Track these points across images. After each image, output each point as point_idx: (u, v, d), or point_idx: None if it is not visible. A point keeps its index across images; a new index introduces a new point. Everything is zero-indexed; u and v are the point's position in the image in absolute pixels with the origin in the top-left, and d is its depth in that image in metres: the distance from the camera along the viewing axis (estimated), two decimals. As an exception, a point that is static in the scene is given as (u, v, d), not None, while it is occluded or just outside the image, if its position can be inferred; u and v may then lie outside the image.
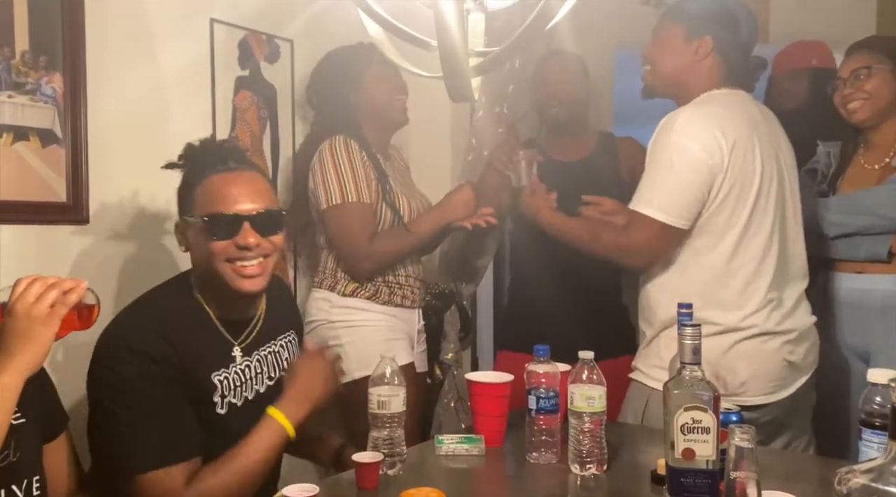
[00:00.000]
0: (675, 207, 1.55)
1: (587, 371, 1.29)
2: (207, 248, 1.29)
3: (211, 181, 1.32)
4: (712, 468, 1.08)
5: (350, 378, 1.84)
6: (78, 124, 1.61)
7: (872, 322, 1.80)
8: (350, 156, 1.85)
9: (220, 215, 1.28)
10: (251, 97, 2.01)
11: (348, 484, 1.21)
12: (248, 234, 1.28)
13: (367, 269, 1.88)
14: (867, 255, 1.79)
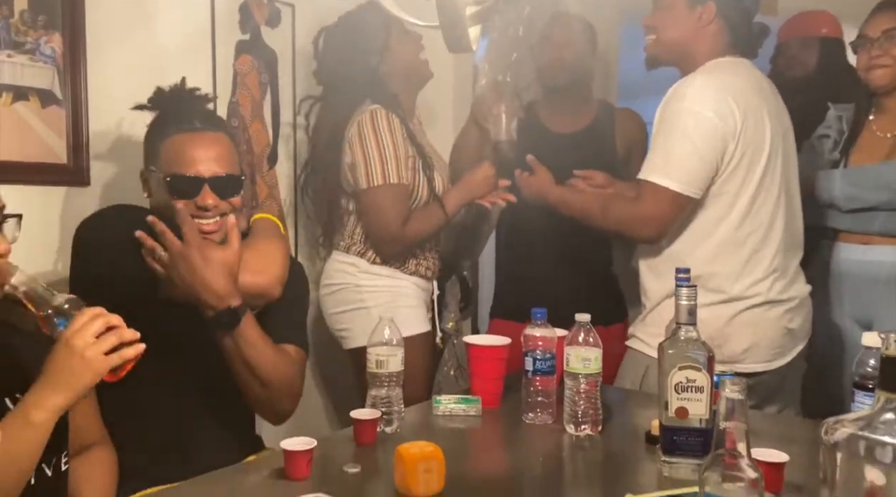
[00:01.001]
0: (688, 176, 1.53)
1: (583, 333, 1.30)
2: (168, 203, 1.33)
3: (176, 140, 1.35)
4: (705, 427, 1.10)
5: None
6: (78, 85, 1.61)
7: (878, 293, 1.79)
8: (392, 132, 1.82)
9: (183, 177, 1.33)
10: (252, 62, 2.00)
11: (346, 440, 1.23)
12: (208, 196, 1.33)
13: (396, 250, 1.88)
14: (882, 230, 1.78)
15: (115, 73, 1.67)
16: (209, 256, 1.26)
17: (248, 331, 1.28)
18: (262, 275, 1.37)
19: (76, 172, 1.62)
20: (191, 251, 1.25)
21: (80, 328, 0.97)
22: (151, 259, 1.27)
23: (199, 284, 1.25)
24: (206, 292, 1.25)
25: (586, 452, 1.25)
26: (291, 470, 1.07)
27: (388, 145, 1.81)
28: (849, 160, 1.88)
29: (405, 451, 1.03)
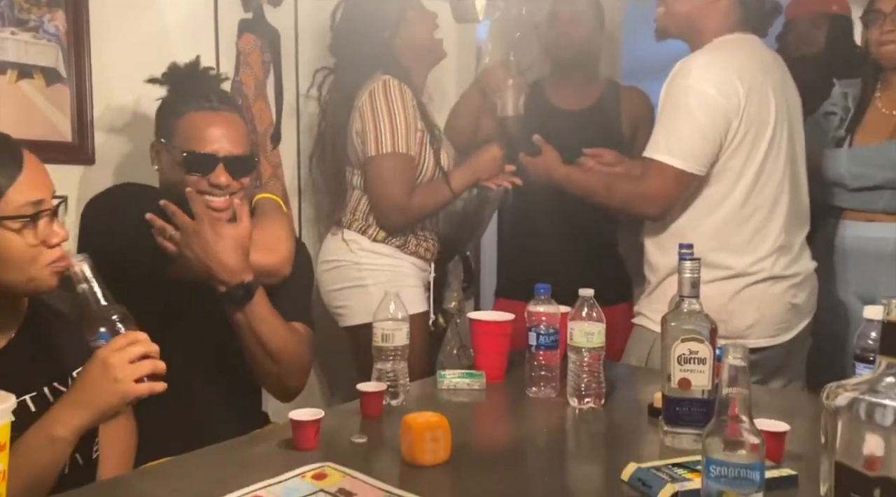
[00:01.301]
0: (692, 153, 1.54)
1: (587, 308, 1.31)
2: (180, 179, 1.35)
3: (194, 117, 1.37)
4: (707, 398, 1.11)
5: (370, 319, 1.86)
6: (82, 63, 1.61)
7: (881, 269, 1.80)
8: (404, 102, 1.82)
9: (199, 154, 1.35)
10: (254, 41, 1.99)
11: (353, 412, 1.25)
12: (221, 175, 1.35)
13: (400, 222, 1.89)
14: (887, 208, 1.79)
15: (118, 52, 1.68)
16: (221, 233, 1.27)
17: (259, 306, 1.30)
18: (271, 253, 1.38)
19: (81, 150, 1.63)
20: (203, 228, 1.26)
21: (119, 349, 0.96)
22: (162, 238, 1.28)
23: (212, 260, 1.26)
24: (220, 268, 1.26)
25: (589, 424, 1.27)
26: (299, 440, 1.08)
27: (399, 115, 1.81)
28: (854, 138, 1.88)
29: (412, 421, 1.04)
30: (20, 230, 0.98)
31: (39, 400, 1.04)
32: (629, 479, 0.99)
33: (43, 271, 1.02)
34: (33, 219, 0.99)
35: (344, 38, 1.95)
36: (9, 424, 0.76)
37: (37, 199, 1.00)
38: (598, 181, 1.73)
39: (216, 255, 1.26)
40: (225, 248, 1.26)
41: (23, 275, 1.00)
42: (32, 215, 0.99)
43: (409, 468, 1.03)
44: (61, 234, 1.03)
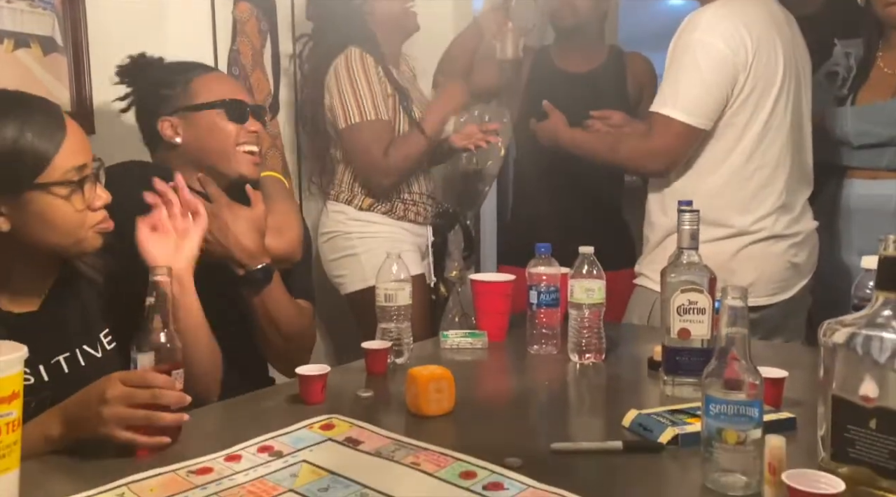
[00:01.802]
0: (698, 107, 1.54)
1: (587, 265, 1.32)
2: (222, 132, 1.34)
3: (207, 77, 1.38)
4: (706, 347, 1.13)
5: (365, 285, 1.90)
6: (78, 32, 1.60)
7: (885, 225, 1.81)
8: (366, 71, 1.85)
9: (234, 101, 1.36)
10: (250, 9, 1.98)
11: (359, 370, 1.26)
12: (253, 123, 1.37)
13: (387, 184, 1.91)
14: (890, 165, 1.79)
15: (114, 20, 1.67)
16: (239, 214, 1.28)
17: (276, 290, 1.31)
18: (282, 238, 1.39)
19: (81, 120, 1.58)
20: (221, 210, 1.27)
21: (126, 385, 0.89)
22: None
23: (231, 243, 1.26)
24: (239, 250, 1.27)
25: (590, 378, 1.29)
26: (307, 394, 1.10)
27: (361, 83, 1.85)
28: (857, 97, 1.88)
29: (417, 373, 1.06)
30: (68, 196, 0.99)
31: (72, 361, 1.05)
32: (630, 425, 1.01)
33: (89, 233, 1.03)
34: (79, 184, 1.00)
35: (318, 6, 1.99)
36: (21, 373, 0.78)
37: (81, 163, 1.01)
38: (603, 140, 1.74)
39: (235, 237, 1.26)
40: (243, 230, 1.27)
41: (70, 238, 1.02)
42: (78, 181, 1.00)
43: (414, 418, 1.05)
44: (104, 196, 1.05)
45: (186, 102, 1.35)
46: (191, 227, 1.17)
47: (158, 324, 0.95)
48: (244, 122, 1.35)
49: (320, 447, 0.94)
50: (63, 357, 1.04)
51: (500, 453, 0.89)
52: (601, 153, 1.72)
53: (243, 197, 1.34)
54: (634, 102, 2.10)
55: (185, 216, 1.18)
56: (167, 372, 0.93)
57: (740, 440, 0.82)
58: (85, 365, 1.05)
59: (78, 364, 1.05)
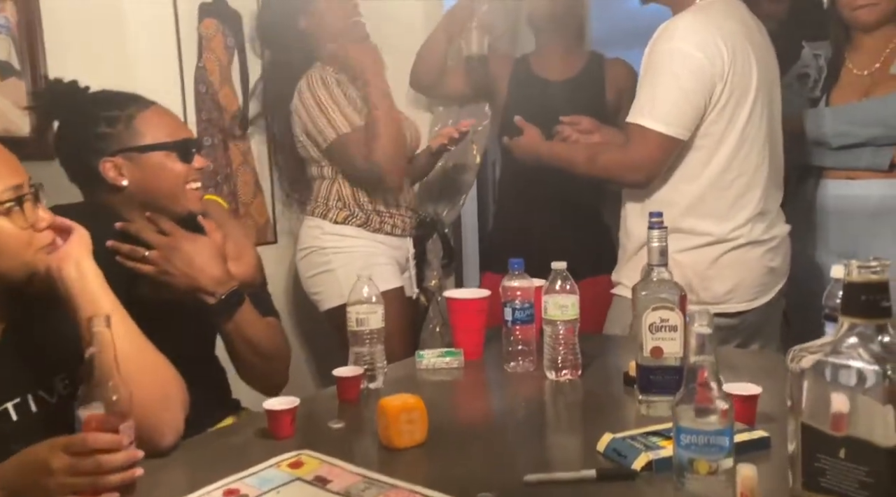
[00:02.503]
0: (676, 117, 1.52)
1: (560, 281, 1.31)
2: (171, 173, 1.28)
3: (149, 114, 1.29)
4: (680, 365, 1.12)
5: (342, 301, 1.87)
6: (35, 55, 1.57)
7: (862, 226, 1.81)
8: (328, 87, 1.86)
9: (183, 141, 1.31)
10: (216, 25, 1.95)
11: (331, 398, 1.24)
12: (199, 159, 1.32)
13: (388, 182, 1.89)
14: (868, 165, 1.78)
15: (73, 42, 1.63)
16: (199, 244, 1.25)
17: (247, 311, 1.29)
18: (242, 263, 1.36)
19: (40, 145, 1.58)
20: (180, 242, 1.23)
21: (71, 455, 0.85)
22: (133, 262, 1.23)
23: (197, 272, 1.23)
24: (206, 279, 1.24)
25: (566, 396, 1.28)
26: (275, 429, 1.08)
27: (327, 100, 1.85)
28: (830, 98, 1.88)
29: (387, 404, 1.04)
30: (9, 214, 0.97)
31: (22, 408, 1.01)
32: (604, 450, 1.00)
33: (37, 255, 1.00)
34: (18, 202, 0.98)
35: (267, 37, 1.99)
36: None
37: (14, 183, 0.98)
38: (581, 152, 1.72)
39: (200, 267, 1.23)
40: (207, 258, 1.24)
41: (17, 260, 0.99)
42: (16, 199, 0.98)
43: (386, 451, 1.03)
44: (47, 217, 1.02)
45: (132, 142, 1.26)
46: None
47: (101, 376, 0.90)
48: (191, 161, 1.30)
49: (288, 488, 0.92)
50: (12, 404, 1.00)
51: (473, 487, 0.88)
52: (580, 165, 1.71)
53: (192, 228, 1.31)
54: (613, 110, 2.09)
55: None
56: (114, 428, 0.89)
57: (712, 470, 0.81)
58: (37, 411, 1.01)
59: (29, 411, 1.01)
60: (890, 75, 1.79)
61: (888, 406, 0.72)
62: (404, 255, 2.06)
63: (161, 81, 1.82)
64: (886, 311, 0.74)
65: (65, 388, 1.05)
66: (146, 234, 1.24)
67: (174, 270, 1.23)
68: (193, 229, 1.30)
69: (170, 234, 1.25)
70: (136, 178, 1.27)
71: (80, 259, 1.01)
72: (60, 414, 0.96)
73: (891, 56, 1.81)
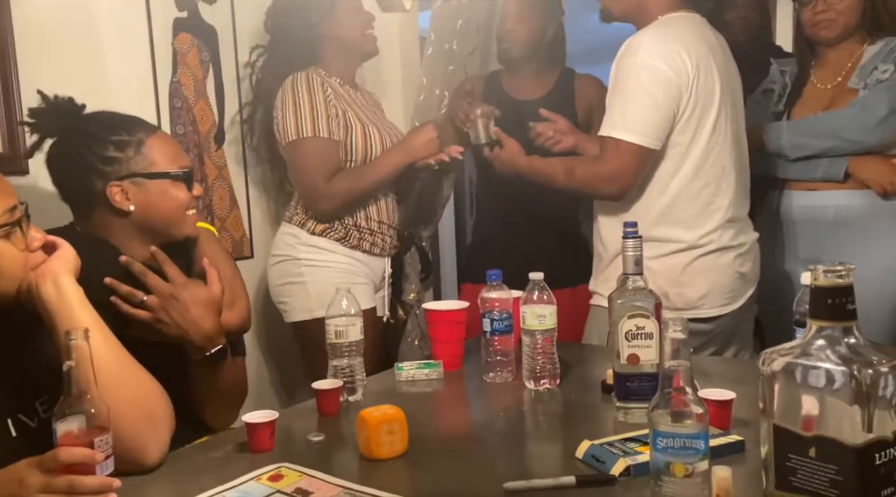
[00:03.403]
0: (647, 128, 1.56)
1: (538, 291, 1.32)
2: (174, 201, 1.28)
3: (156, 140, 1.29)
4: (656, 371, 1.13)
5: (310, 316, 1.87)
6: (7, 69, 1.55)
7: (825, 234, 1.87)
8: (311, 91, 1.84)
9: (189, 169, 1.32)
10: (191, 40, 1.95)
11: (310, 411, 1.24)
12: (197, 187, 1.33)
13: (327, 209, 1.87)
14: (824, 176, 1.84)
15: (46, 56, 1.62)
16: (197, 296, 1.22)
17: (226, 364, 1.28)
18: (235, 311, 1.35)
19: (13, 161, 1.57)
20: (180, 292, 1.21)
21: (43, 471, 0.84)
22: (128, 305, 1.20)
23: (191, 328, 1.21)
24: (197, 334, 1.22)
25: (546, 405, 1.29)
26: (254, 442, 1.07)
27: (303, 102, 1.83)
28: (792, 112, 1.94)
29: (367, 415, 1.05)
30: (8, 237, 0.97)
31: (1, 433, 1.00)
32: (583, 456, 1.01)
33: (31, 275, 1.00)
34: (15, 224, 0.98)
35: (276, 19, 1.97)
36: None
37: (10, 205, 0.98)
38: (559, 166, 1.75)
39: (194, 321, 1.21)
40: (202, 313, 1.22)
41: (14, 281, 0.99)
42: (14, 222, 0.98)
43: (367, 463, 1.03)
44: (40, 237, 1.02)
45: (142, 168, 1.26)
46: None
47: (79, 390, 0.89)
48: (192, 189, 1.31)
49: (268, 501, 0.92)
50: None
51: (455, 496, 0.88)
52: (559, 179, 1.74)
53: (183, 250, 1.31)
54: (584, 125, 2.13)
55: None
56: (88, 442, 0.88)
57: (688, 473, 0.82)
58: (16, 435, 0.99)
59: (8, 435, 0.99)
60: (848, 89, 1.85)
61: (855, 406, 0.74)
62: (380, 274, 2.04)
63: (135, 96, 1.82)
64: (852, 314, 0.77)
65: (45, 411, 1.04)
66: (148, 277, 1.21)
67: (169, 320, 1.21)
68: (184, 251, 1.30)
69: (171, 280, 1.22)
70: (141, 203, 1.25)
71: (58, 276, 1.01)
72: (40, 438, 0.95)
73: (851, 70, 1.87)
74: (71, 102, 1.29)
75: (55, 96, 1.29)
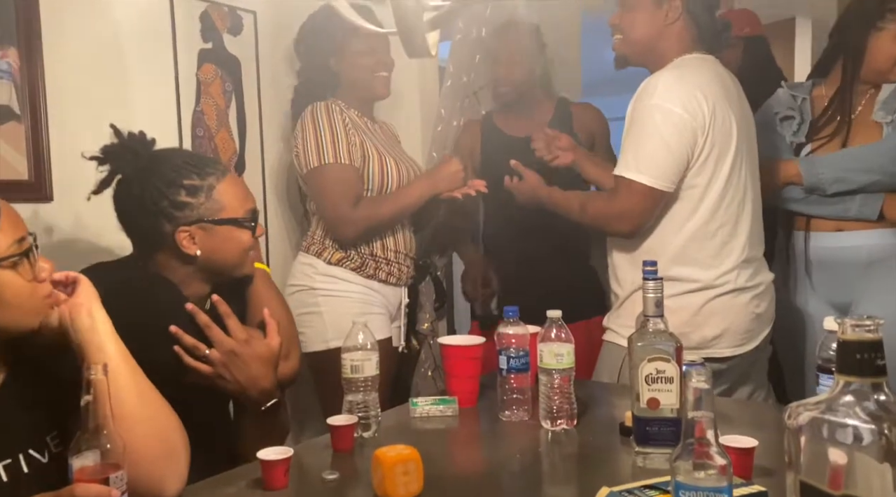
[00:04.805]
0: (660, 170, 1.57)
1: (555, 329, 1.31)
2: (238, 243, 1.30)
3: (227, 184, 1.30)
4: (676, 416, 1.12)
5: (325, 346, 1.86)
6: (36, 100, 1.58)
7: (855, 276, 1.83)
8: (330, 118, 1.86)
9: (253, 212, 1.33)
10: (215, 70, 1.98)
11: (324, 447, 1.23)
12: (259, 228, 1.35)
13: (350, 235, 1.88)
14: (857, 215, 1.80)
15: (74, 87, 1.65)
16: (257, 351, 1.23)
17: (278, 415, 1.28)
18: (289, 363, 1.36)
19: (38, 188, 1.60)
20: (242, 349, 1.22)
21: None
22: (191, 358, 1.21)
23: (249, 384, 1.21)
24: (255, 390, 1.22)
25: (562, 447, 1.27)
26: (269, 480, 1.06)
27: (323, 129, 1.84)
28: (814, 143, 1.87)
29: (383, 455, 1.03)
30: (16, 268, 0.97)
31: (13, 469, 0.99)
32: (602, 504, 0.99)
33: (40, 305, 1.00)
34: (24, 255, 0.98)
35: (300, 50, 2.03)
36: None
37: (20, 236, 0.99)
38: (574, 201, 1.77)
39: (254, 378, 1.21)
40: (263, 370, 1.22)
41: (23, 312, 0.99)
42: (23, 252, 0.98)
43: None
44: (47, 267, 1.02)
45: (212, 215, 1.27)
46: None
47: (95, 425, 0.89)
48: (255, 231, 1.32)
49: (282, 543, 0.90)
50: (3, 464, 0.98)
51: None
52: (574, 212, 1.75)
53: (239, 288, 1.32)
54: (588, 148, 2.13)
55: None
56: (104, 478, 0.87)
57: (711, 527, 0.80)
58: (28, 471, 0.99)
59: (20, 471, 0.99)
60: (873, 122, 1.83)
61: (885, 464, 0.72)
62: (396, 304, 2.03)
63: (158, 125, 1.83)
64: (881, 370, 0.75)
65: (56, 446, 1.03)
66: (213, 331, 1.21)
67: (229, 377, 1.21)
68: (238, 290, 1.30)
69: (232, 334, 1.22)
70: (206, 247, 1.27)
71: (91, 307, 1.02)
72: (52, 474, 0.95)
73: (869, 103, 1.85)
74: (142, 138, 1.30)
75: (128, 133, 1.31)
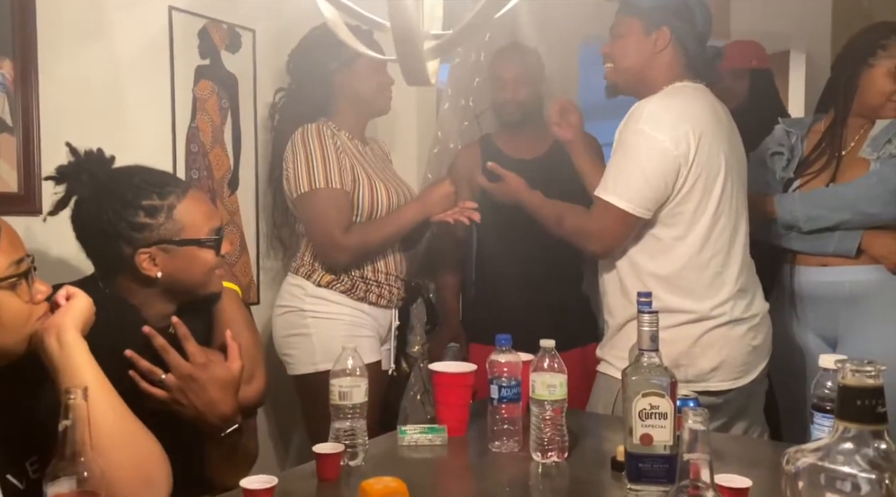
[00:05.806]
0: (637, 196, 1.57)
1: (548, 359, 1.29)
2: (203, 263, 1.26)
3: (188, 203, 1.26)
4: (670, 453, 1.10)
5: (314, 369, 1.84)
6: (29, 112, 1.56)
7: (841, 310, 1.83)
8: (322, 142, 1.85)
9: (217, 231, 1.29)
10: (212, 87, 1.97)
11: (309, 476, 1.20)
12: (226, 244, 1.31)
13: (342, 260, 1.86)
14: (835, 251, 1.81)
15: (68, 100, 1.63)
16: (216, 376, 1.20)
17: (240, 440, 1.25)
18: (252, 387, 1.33)
19: (28, 201, 1.57)
20: (200, 373, 1.19)
21: None
22: (146, 382, 1.18)
23: (207, 408, 1.19)
24: (214, 416, 1.20)
25: (552, 480, 1.24)
26: (252, 510, 1.04)
27: (315, 153, 1.83)
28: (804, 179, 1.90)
29: (369, 488, 1.01)
30: (14, 289, 0.95)
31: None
32: (593, 544, 0.97)
33: (36, 327, 0.99)
34: (22, 276, 0.97)
35: (297, 62, 1.99)
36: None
37: (19, 257, 0.97)
38: (553, 211, 1.77)
39: (212, 403, 1.18)
40: (221, 395, 1.19)
41: (20, 334, 0.97)
42: (21, 274, 0.97)
43: (366, 537, 0.99)
44: (44, 289, 1.00)
45: (172, 235, 1.23)
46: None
47: (73, 451, 0.86)
48: (219, 250, 1.29)
49: (263, 579, 0.87)
50: None
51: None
52: (551, 222, 1.76)
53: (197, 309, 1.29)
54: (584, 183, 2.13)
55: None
56: None
57: (705, 572, 0.78)
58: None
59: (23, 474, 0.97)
60: (860, 159, 1.84)
61: (885, 514, 0.71)
62: (387, 326, 2.01)
63: (153, 140, 1.83)
64: (882, 417, 0.74)
65: (34, 472, 1.01)
66: (170, 355, 1.19)
67: (185, 402, 1.18)
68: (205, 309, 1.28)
69: (191, 359, 1.19)
70: (168, 269, 1.23)
71: (62, 330, 0.99)
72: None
73: (861, 140, 1.86)
74: (100, 156, 1.27)
75: (85, 151, 1.27)
